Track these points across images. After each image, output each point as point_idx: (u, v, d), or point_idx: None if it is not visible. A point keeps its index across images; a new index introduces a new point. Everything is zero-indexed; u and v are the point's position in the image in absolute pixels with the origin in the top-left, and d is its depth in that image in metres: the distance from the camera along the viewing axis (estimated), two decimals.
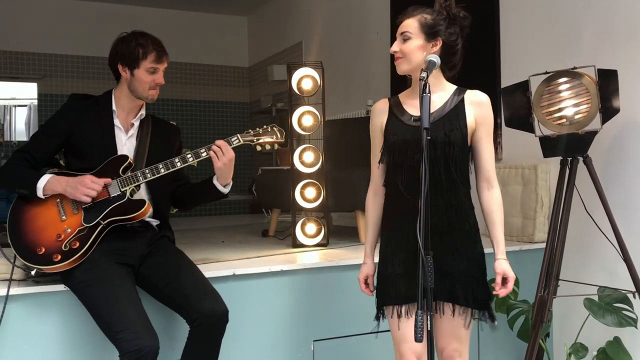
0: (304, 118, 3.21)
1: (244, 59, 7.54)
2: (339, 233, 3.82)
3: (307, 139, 3.30)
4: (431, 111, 1.99)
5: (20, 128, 7.30)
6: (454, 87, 2.06)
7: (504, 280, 1.99)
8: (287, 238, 3.57)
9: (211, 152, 2.29)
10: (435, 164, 1.95)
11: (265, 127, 2.38)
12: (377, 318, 2.08)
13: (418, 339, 1.60)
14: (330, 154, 3.91)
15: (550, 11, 3.15)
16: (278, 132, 2.38)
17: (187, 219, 5.98)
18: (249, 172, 7.15)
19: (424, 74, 1.80)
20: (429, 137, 1.76)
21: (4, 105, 7.68)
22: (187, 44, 7.07)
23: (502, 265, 1.99)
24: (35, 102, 6.79)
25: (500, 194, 2.05)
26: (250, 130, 2.36)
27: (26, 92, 6.91)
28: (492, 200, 2.03)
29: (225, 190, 2.41)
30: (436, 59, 1.90)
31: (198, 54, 7.19)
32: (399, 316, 2.00)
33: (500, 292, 1.99)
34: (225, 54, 7.38)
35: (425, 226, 1.71)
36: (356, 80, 5.02)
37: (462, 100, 2.01)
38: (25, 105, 7.45)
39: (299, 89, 3.24)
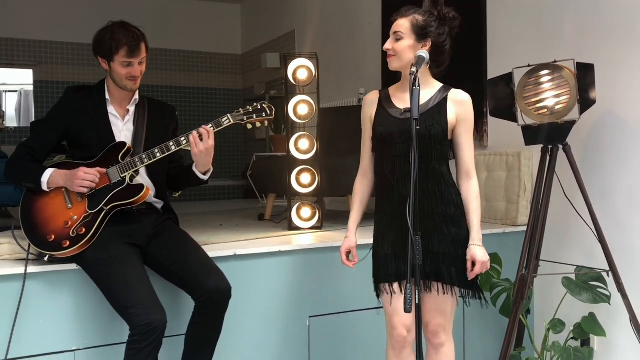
0: (299, 107, 3.34)
1: (237, 46, 7.64)
2: (332, 217, 3.97)
3: (302, 127, 3.43)
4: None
5: (11, 114, 7.36)
6: (440, 84, 2.21)
7: (474, 264, 2.13)
8: (282, 222, 3.70)
9: (190, 139, 2.32)
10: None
11: (255, 104, 2.41)
12: (377, 295, 2.24)
13: (407, 310, 1.77)
14: (324, 141, 4.04)
15: (534, 7, 3.29)
16: (268, 109, 2.40)
17: (183, 203, 6.11)
18: (243, 158, 7.28)
19: (414, 69, 1.95)
20: (418, 127, 1.92)
21: (1, 92, 7.75)
22: (182, 32, 7.18)
23: (471, 251, 2.14)
24: (28, 87, 6.85)
25: (478, 184, 2.20)
26: (240, 110, 2.39)
27: (22, 78, 6.97)
28: (469, 190, 2.19)
29: (205, 178, 2.46)
30: (425, 54, 2.05)
31: (192, 41, 7.29)
32: (391, 293, 2.17)
33: (469, 274, 2.15)
34: (218, 41, 7.47)
35: (415, 209, 1.87)
36: (348, 69, 5.14)
37: (446, 98, 2.16)
38: (16, 91, 7.51)
39: (295, 78, 3.36)
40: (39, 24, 6.50)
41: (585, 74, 2.62)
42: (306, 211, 3.38)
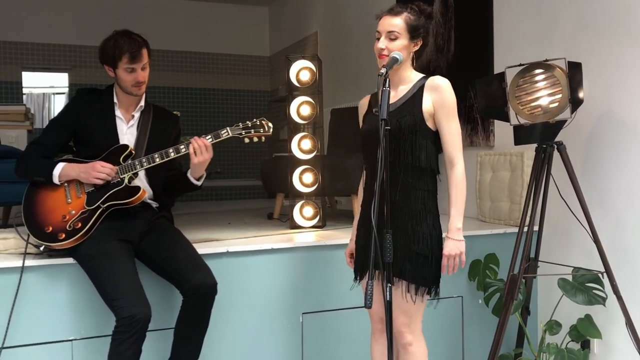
0: (302, 108, 3.40)
1: (265, 48, 7.76)
2: (342, 216, 4.01)
3: (309, 127, 3.47)
4: (395, 101, 2.18)
5: None
6: (420, 75, 2.19)
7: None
8: (289, 220, 3.77)
9: (191, 149, 2.42)
10: (388, 149, 2.03)
11: (255, 120, 2.51)
12: (355, 279, 2.29)
13: (367, 306, 1.80)
14: (334, 141, 4.09)
15: (541, 5, 3.26)
16: (266, 126, 2.50)
17: (202, 202, 6.26)
18: (266, 158, 7.38)
19: (383, 70, 1.98)
20: (388, 127, 1.94)
21: (43, 94, 8.08)
22: (211, 34, 7.35)
23: (446, 245, 2.11)
24: (65, 90, 7.14)
25: (462, 172, 2.10)
26: (239, 124, 2.50)
27: (58, 81, 7.26)
28: (450, 179, 2.12)
29: (199, 183, 2.57)
30: (399, 55, 2.08)
31: (221, 44, 7.45)
32: (363, 279, 2.22)
33: (445, 270, 2.11)
34: (247, 43, 7.61)
35: (381, 206, 1.90)
36: (367, 70, 5.16)
37: (422, 87, 2.13)
38: (64, 93, 7.82)
39: (298, 80, 3.42)
40: (73, 29, 6.76)
41: (574, 73, 2.59)
42: (308, 210, 3.43)
